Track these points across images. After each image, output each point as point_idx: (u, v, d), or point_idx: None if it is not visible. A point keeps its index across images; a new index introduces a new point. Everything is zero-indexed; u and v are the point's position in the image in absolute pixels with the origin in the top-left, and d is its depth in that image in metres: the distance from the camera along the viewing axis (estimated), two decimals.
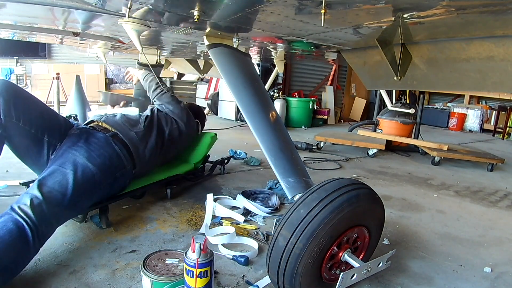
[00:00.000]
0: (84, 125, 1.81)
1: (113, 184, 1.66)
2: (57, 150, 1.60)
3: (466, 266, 1.60)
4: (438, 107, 8.44)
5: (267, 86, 4.27)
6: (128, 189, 1.83)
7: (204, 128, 2.57)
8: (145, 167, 1.92)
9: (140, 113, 2.07)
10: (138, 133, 1.86)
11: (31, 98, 1.61)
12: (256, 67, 4.35)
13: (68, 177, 1.43)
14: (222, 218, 1.88)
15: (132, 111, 2.09)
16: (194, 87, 7.31)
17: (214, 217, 1.87)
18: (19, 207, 1.25)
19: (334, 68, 7.54)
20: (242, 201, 2.06)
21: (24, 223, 1.22)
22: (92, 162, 1.54)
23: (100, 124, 1.82)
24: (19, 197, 1.31)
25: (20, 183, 1.82)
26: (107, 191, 1.64)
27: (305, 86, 7.23)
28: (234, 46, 1.71)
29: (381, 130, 4.59)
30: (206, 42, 1.60)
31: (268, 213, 2.01)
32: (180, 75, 7.43)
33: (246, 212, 2.00)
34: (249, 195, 2.20)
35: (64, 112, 4.09)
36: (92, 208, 1.63)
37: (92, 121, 1.87)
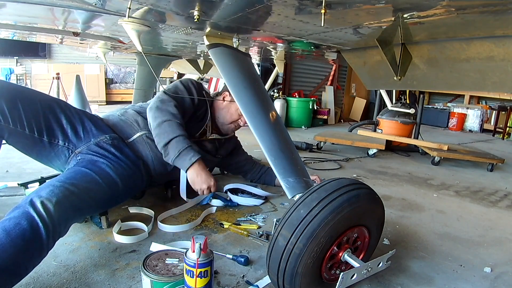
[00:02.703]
0: (118, 135, 1.74)
1: (127, 198, 1.74)
2: (86, 153, 1.60)
3: (466, 266, 1.60)
4: (438, 107, 8.44)
5: (267, 86, 4.26)
6: None
7: None
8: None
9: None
10: (161, 174, 1.88)
11: (26, 94, 1.55)
12: (256, 67, 4.35)
13: (101, 190, 1.45)
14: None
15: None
16: None
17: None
18: (41, 203, 1.14)
19: (334, 68, 7.54)
20: (235, 199, 2.11)
21: (39, 222, 1.10)
22: (123, 181, 1.58)
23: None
24: (40, 188, 1.23)
25: (18, 184, 1.80)
26: (119, 202, 1.70)
27: (305, 86, 7.24)
28: (234, 46, 1.71)
29: (381, 130, 4.59)
30: (206, 42, 1.60)
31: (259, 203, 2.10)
32: (180, 75, 7.43)
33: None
34: (237, 191, 2.22)
35: None
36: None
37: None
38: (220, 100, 2.14)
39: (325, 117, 6.88)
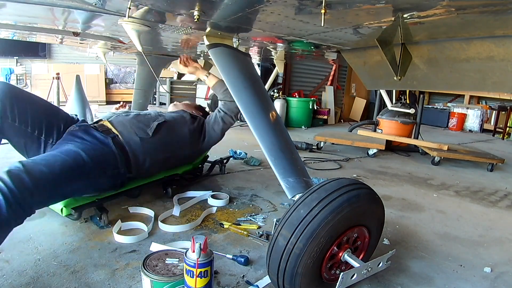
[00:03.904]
0: (91, 123, 1.79)
1: (101, 179, 1.60)
2: (58, 139, 1.64)
3: (466, 266, 1.61)
4: (438, 107, 8.43)
5: (267, 86, 4.26)
6: (124, 188, 1.83)
7: None
8: (143, 174, 1.89)
9: (157, 114, 1.96)
10: (144, 139, 1.77)
11: (28, 97, 1.63)
12: (256, 67, 4.35)
13: (57, 157, 1.40)
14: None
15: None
16: (194, 87, 7.30)
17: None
18: None
19: (334, 68, 7.53)
20: (213, 202, 2.11)
21: None
22: (86, 152, 1.51)
23: (105, 124, 1.78)
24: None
25: None
26: (93, 182, 1.57)
27: (305, 86, 7.23)
28: (234, 46, 1.71)
29: (381, 130, 4.59)
30: (206, 42, 1.60)
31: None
32: (180, 75, 7.43)
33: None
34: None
35: None
36: (88, 206, 1.65)
37: (100, 120, 1.84)
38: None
39: (325, 117, 6.87)
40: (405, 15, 1.04)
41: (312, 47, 1.89)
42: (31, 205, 1.23)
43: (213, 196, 2.14)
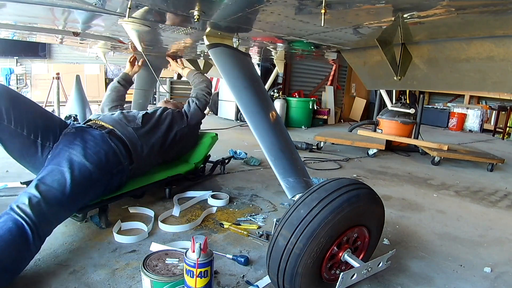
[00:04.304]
0: (82, 124, 1.82)
1: (110, 181, 1.67)
2: (53, 150, 1.61)
3: (466, 266, 1.60)
4: (438, 107, 8.44)
5: (267, 86, 4.26)
6: (128, 188, 1.83)
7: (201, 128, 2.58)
8: (144, 164, 1.93)
9: (139, 111, 2.10)
10: (136, 129, 1.88)
11: (24, 101, 1.63)
12: (256, 67, 4.35)
13: (66, 175, 1.43)
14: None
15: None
16: None
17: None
18: (18, 207, 1.25)
19: (334, 68, 7.54)
20: (213, 202, 2.11)
21: (23, 222, 1.22)
22: (89, 160, 1.55)
23: (97, 122, 1.84)
24: (17, 197, 1.31)
25: (21, 183, 1.83)
26: (103, 188, 1.65)
27: (305, 86, 7.23)
28: (234, 46, 1.71)
29: (381, 130, 4.59)
30: (206, 42, 1.60)
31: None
32: (180, 75, 7.43)
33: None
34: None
35: (64, 112, 4.09)
36: (93, 207, 1.64)
37: (89, 120, 1.89)
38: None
39: (325, 117, 6.88)
40: (405, 15, 1.04)
41: (312, 47, 1.89)
42: (48, 232, 1.33)
43: (213, 196, 2.14)
